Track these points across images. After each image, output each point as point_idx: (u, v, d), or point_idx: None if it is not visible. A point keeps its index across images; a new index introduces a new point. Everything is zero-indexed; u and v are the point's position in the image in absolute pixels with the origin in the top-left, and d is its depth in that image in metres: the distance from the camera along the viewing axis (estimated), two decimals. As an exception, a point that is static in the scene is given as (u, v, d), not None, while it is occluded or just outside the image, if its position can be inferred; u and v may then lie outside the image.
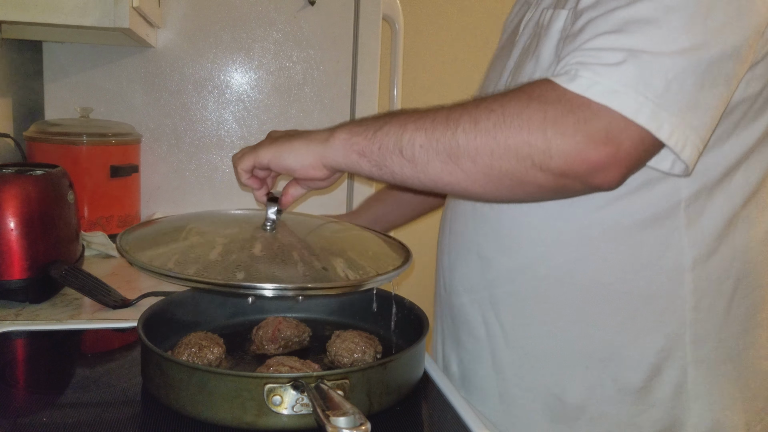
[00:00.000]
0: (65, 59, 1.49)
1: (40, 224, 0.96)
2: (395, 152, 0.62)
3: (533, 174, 0.57)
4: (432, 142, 0.60)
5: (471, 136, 0.58)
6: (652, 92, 0.55)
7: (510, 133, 0.57)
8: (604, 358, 0.69)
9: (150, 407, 0.66)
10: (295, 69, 1.61)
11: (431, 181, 0.62)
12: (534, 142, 0.56)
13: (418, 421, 0.67)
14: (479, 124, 0.58)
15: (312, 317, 0.88)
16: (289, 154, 0.68)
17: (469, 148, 0.58)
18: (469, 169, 0.59)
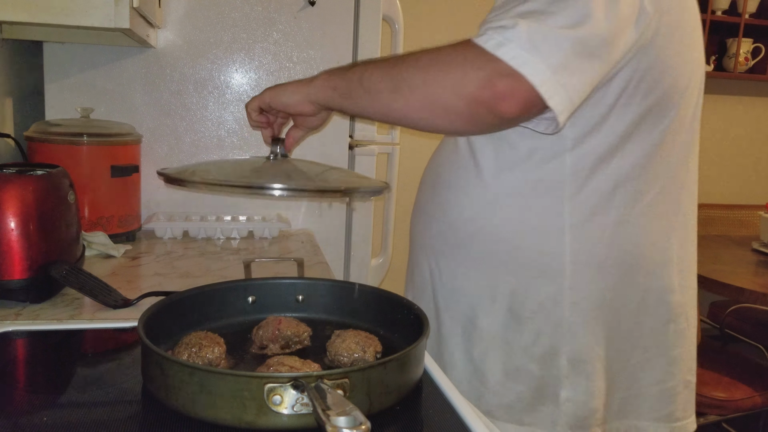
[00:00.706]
0: (65, 59, 1.49)
1: (41, 224, 0.96)
2: (358, 84, 0.81)
3: (454, 101, 0.74)
4: (384, 76, 0.79)
5: (412, 71, 0.77)
6: (533, 50, 0.70)
7: (439, 68, 0.75)
8: (506, 295, 0.89)
9: (150, 407, 0.66)
10: (295, 69, 1.61)
11: (383, 107, 0.80)
12: (454, 75, 0.74)
13: (418, 421, 0.67)
14: (419, 62, 0.77)
15: (312, 317, 0.88)
16: (284, 94, 0.89)
17: (408, 80, 0.77)
18: (408, 96, 0.77)
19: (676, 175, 0.90)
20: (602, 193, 0.85)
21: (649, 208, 0.87)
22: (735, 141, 3.60)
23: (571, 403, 0.89)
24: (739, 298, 2.02)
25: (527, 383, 0.90)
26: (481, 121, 0.76)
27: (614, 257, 0.87)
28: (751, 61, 3.33)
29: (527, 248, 0.87)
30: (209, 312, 0.85)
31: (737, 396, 1.99)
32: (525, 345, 0.89)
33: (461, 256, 0.93)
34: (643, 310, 0.90)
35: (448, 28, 3.01)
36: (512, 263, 0.88)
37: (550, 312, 0.88)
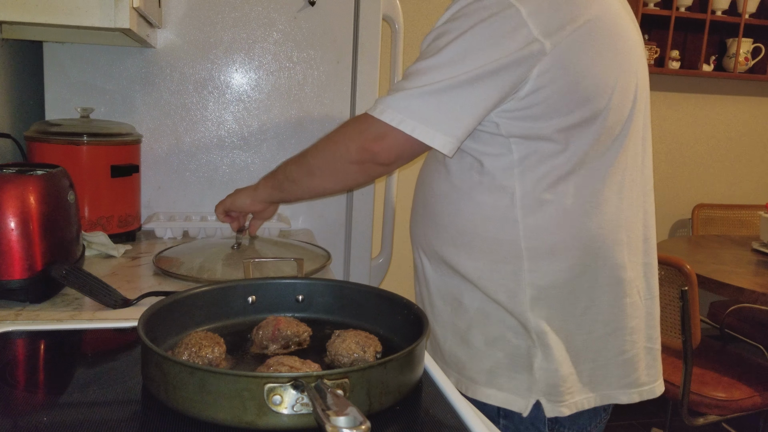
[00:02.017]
0: (65, 59, 1.49)
1: (41, 224, 0.96)
2: (284, 179, 1.11)
3: (349, 168, 1.00)
4: (298, 167, 1.07)
5: (316, 158, 1.04)
6: (408, 110, 0.92)
7: (332, 148, 1.01)
8: (479, 278, 1.01)
9: (150, 407, 0.66)
10: (295, 69, 1.62)
11: (307, 189, 1.09)
12: (342, 148, 0.99)
13: (418, 421, 0.67)
14: (317, 148, 1.04)
15: (312, 317, 0.88)
16: (238, 199, 1.19)
17: (316, 164, 1.04)
18: (319, 175, 1.04)
19: (614, 166, 0.99)
20: (547, 188, 0.97)
21: (592, 197, 0.98)
22: (735, 141, 3.60)
23: (543, 371, 0.99)
24: (739, 298, 2.02)
25: (505, 350, 1.01)
26: (376, 173, 1.01)
27: (564, 243, 0.98)
28: (751, 61, 3.33)
29: (489, 237, 1.00)
30: (209, 312, 0.85)
31: (737, 396, 1.99)
32: (501, 318, 1.01)
33: (437, 245, 1.07)
34: (598, 288, 1.01)
35: (448, 28, 3.00)
36: (478, 251, 1.01)
37: (514, 293, 0.99)
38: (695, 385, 2.00)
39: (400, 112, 0.92)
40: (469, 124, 0.93)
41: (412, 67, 0.96)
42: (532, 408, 1.00)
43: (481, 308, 1.02)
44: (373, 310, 0.86)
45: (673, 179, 3.54)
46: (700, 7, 3.24)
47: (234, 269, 1.13)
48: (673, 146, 3.50)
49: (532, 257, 0.98)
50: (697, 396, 1.99)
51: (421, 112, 0.92)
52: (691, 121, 3.51)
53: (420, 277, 1.13)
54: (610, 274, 1.01)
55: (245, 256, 1.19)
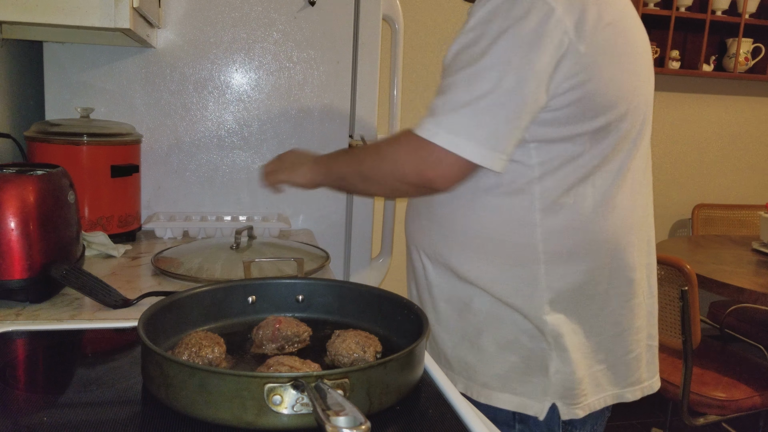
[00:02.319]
0: (65, 59, 1.49)
1: (41, 224, 0.96)
2: (339, 179, 1.10)
3: (404, 187, 0.98)
4: (354, 172, 1.05)
5: (371, 170, 1.02)
6: (463, 132, 0.89)
7: (388, 167, 0.98)
8: (493, 282, 0.99)
9: (150, 407, 0.66)
10: (295, 69, 1.62)
11: (360, 191, 1.23)
12: (392, 168, 0.97)
13: (418, 421, 0.67)
14: (374, 161, 1.01)
15: (312, 317, 0.88)
16: (295, 177, 1.18)
17: (370, 175, 1.02)
18: (373, 186, 1.05)
19: (628, 168, 1.00)
20: (566, 191, 0.96)
21: (609, 199, 0.98)
22: (735, 141, 3.60)
23: (560, 375, 0.99)
24: (739, 298, 2.02)
25: (519, 353, 1.00)
26: (429, 193, 1.01)
27: (582, 246, 0.98)
28: (751, 61, 3.33)
29: (506, 241, 0.98)
30: (209, 312, 0.85)
31: (737, 396, 1.99)
32: (515, 321, 0.99)
33: (444, 249, 1.04)
34: (611, 290, 1.01)
35: (448, 28, 3.01)
36: (493, 254, 0.99)
37: (530, 297, 0.98)
38: (695, 385, 2.00)
39: (456, 135, 0.88)
40: (519, 136, 0.92)
41: (449, 79, 0.91)
42: (548, 411, 0.99)
43: (492, 312, 1.00)
44: (373, 310, 0.86)
45: (673, 179, 3.54)
46: (700, 7, 3.24)
47: (234, 269, 1.13)
48: (673, 146, 3.50)
49: (550, 261, 0.97)
50: (697, 396, 1.99)
51: (476, 133, 0.88)
52: (691, 121, 3.51)
53: (420, 280, 1.11)
54: (622, 276, 1.01)
55: (245, 256, 1.19)
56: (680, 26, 3.25)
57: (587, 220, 0.97)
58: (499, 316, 1.00)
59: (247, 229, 1.31)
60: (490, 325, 1.01)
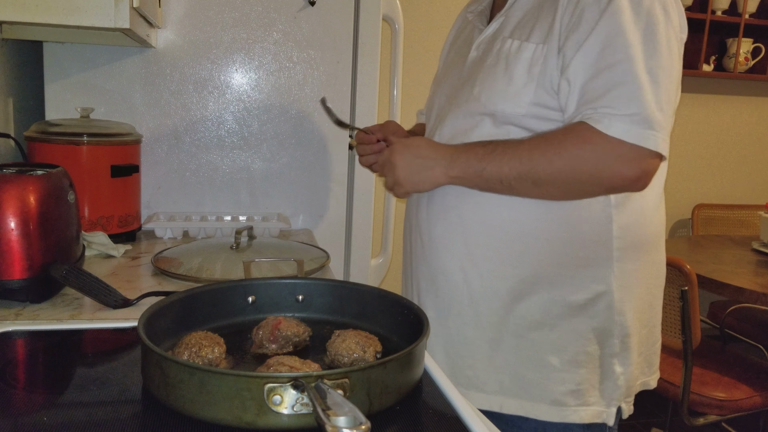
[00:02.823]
0: (65, 59, 1.49)
1: (41, 224, 0.96)
2: (497, 182, 0.93)
3: (594, 189, 0.91)
4: (522, 175, 0.90)
5: (549, 171, 0.89)
6: (658, 128, 0.86)
7: (576, 167, 0.88)
8: (560, 286, 0.95)
9: (150, 407, 0.66)
10: (295, 69, 1.62)
11: (524, 195, 0.93)
12: (591, 172, 0.88)
13: (418, 421, 0.67)
14: (553, 164, 0.88)
15: (312, 317, 0.88)
16: (423, 182, 0.99)
17: (550, 179, 0.89)
18: (549, 190, 0.91)
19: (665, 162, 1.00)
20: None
21: (658, 193, 1.00)
22: (735, 141, 3.60)
23: (624, 376, 0.99)
24: (739, 298, 2.02)
25: (588, 365, 0.97)
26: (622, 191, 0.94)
27: (648, 240, 0.98)
28: (751, 61, 3.33)
29: (572, 238, 0.94)
30: (209, 312, 0.85)
31: (737, 396, 1.99)
32: (581, 329, 0.96)
33: (501, 256, 0.97)
34: (658, 282, 1.04)
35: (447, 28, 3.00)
36: (558, 254, 0.95)
37: (603, 297, 0.96)
38: (695, 385, 2.00)
39: (652, 130, 0.87)
40: None
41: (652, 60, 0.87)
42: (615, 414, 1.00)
43: (557, 324, 0.96)
44: (373, 310, 0.86)
45: (673, 179, 3.54)
46: (700, 7, 3.23)
47: (234, 269, 1.13)
48: (673, 146, 3.49)
49: (622, 258, 0.96)
50: (697, 396, 1.99)
51: (666, 127, 0.89)
52: (691, 121, 3.51)
53: (458, 296, 1.01)
54: (661, 270, 1.05)
55: (245, 256, 1.19)
56: (680, 26, 3.25)
57: (650, 214, 0.98)
58: (563, 327, 0.96)
59: (247, 229, 1.31)
60: (554, 339, 0.96)
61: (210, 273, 1.13)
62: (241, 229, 1.27)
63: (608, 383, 0.98)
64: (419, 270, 1.08)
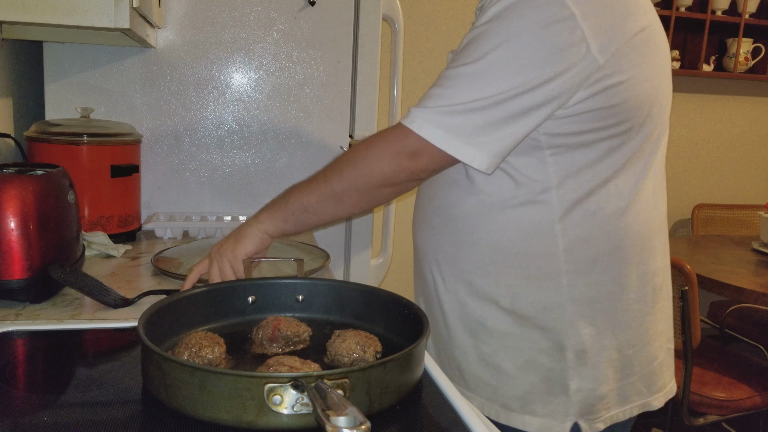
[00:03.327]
0: (65, 59, 1.49)
1: (41, 224, 0.96)
2: (302, 211, 0.95)
3: (381, 190, 0.91)
4: (321, 196, 0.93)
5: (342, 184, 0.91)
6: (450, 128, 0.85)
7: (362, 172, 0.90)
8: (508, 295, 0.95)
9: (150, 407, 0.66)
10: (295, 69, 1.62)
11: (330, 217, 0.96)
12: (376, 165, 0.89)
13: (418, 421, 0.67)
14: (342, 174, 0.92)
15: (312, 317, 0.88)
16: (242, 246, 0.97)
17: (343, 191, 0.92)
18: (350, 201, 0.93)
19: (650, 170, 0.96)
20: (586, 197, 0.91)
21: (631, 203, 0.94)
22: (735, 141, 3.60)
23: (582, 393, 0.95)
24: (739, 298, 2.02)
25: (539, 373, 0.95)
26: (405, 191, 0.94)
27: (603, 254, 0.93)
28: (751, 61, 3.33)
29: (525, 253, 0.93)
30: (209, 312, 0.85)
31: (737, 396, 1.99)
32: (533, 340, 0.95)
33: (459, 263, 0.99)
34: (638, 298, 0.97)
35: (447, 28, 3.01)
36: (512, 267, 0.94)
37: (552, 311, 0.93)
38: (695, 385, 2.00)
39: (442, 129, 0.85)
40: (515, 142, 0.88)
41: (452, 71, 0.87)
42: (570, 430, 0.96)
43: (509, 331, 0.96)
44: (373, 310, 0.86)
45: (673, 179, 3.54)
46: (700, 7, 3.23)
47: None
48: (673, 146, 3.50)
49: (573, 271, 0.93)
50: (697, 396, 1.99)
51: (464, 130, 0.85)
52: (691, 121, 3.51)
53: (430, 296, 1.05)
54: (647, 282, 0.97)
55: None
56: (680, 26, 3.25)
57: (610, 226, 0.93)
58: (516, 335, 0.96)
59: None
60: (507, 345, 0.96)
61: None
62: None
63: (560, 397, 0.95)
64: (416, 271, 1.12)
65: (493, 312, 0.96)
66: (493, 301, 0.96)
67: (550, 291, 0.93)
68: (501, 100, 0.84)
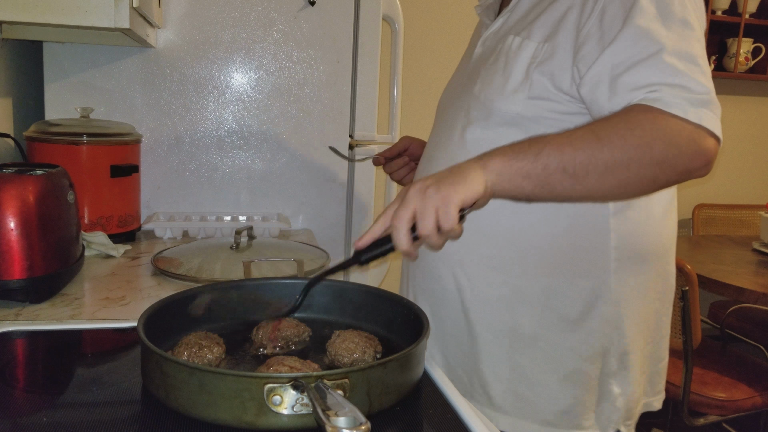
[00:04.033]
0: (65, 59, 1.49)
1: (41, 224, 0.96)
2: (559, 170, 0.74)
3: (666, 175, 0.76)
4: (591, 159, 0.74)
5: (622, 152, 0.74)
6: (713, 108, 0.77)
7: (651, 148, 0.74)
8: (549, 296, 0.88)
9: (150, 407, 0.66)
10: (295, 69, 1.61)
11: (586, 191, 0.76)
12: (667, 153, 0.75)
13: (418, 421, 0.67)
14: (627, 141, 0.74)
15: (312, 317, 0.88)
16: (459, 192, 0.71)
17: (623, 161, 0.74)
18: (622, 176, 0.75)
19: None
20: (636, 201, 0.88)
21: (667, 200, 0.93)
22: (735, 141, 3.60)
23: (623, 397, 0.92)
24: (740, 298, 2.02)
25: (583, 385, 0.90)
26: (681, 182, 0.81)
27: (654, 252, 0.91)
28: (751, 61, 3.33)
29: (572, 249, 0.87)
30: (209, 312, 0.85)
31: (737, 396, 1.99)
32: (576, 346, 0.89)
33: (493, 263, 0.90)
34: (665, 297, 0.95)
35: (448, 28, 3.00)
36: (555, 265, 0.88)
37: (598, 310, 0.89)
38: (695, 385, 2.00)
39: (711, 112, 0.77)
40: None
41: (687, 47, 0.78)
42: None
43: (550, 338, 0.89)
44: (373, 310, 0.86)
45: (674, 179, 3.53)
46: (700, 7, 3.23)
47: (234, 269, 1.13)
48: (674, 146, 3.50)
49: (621, 269, 0.88)
50: (697, 396, 1.99)
51: (718, 108, 0.79)
52: (692, 121, 3.51)
53: (450, 302, 0.95)
54: (669, 282, 0.98)
55: (245, 256, 1.19)
56: (680, 26, 3.25)
57: (656, 223, 0.91)
58: (557, 342, 0.89)
59: (247, 229, 1.31)
60: (548, 354, 0.89)
61: (210, 273, 1.12)
62: (240, 229, 1.27)
63: (605, 405, 0.91)
64: (414, 274, 1.03)
65: (531, 317, 0.89)
66: (532, 304, 0.89)
67: (597, 290, 0.88)
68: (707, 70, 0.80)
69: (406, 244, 0.71)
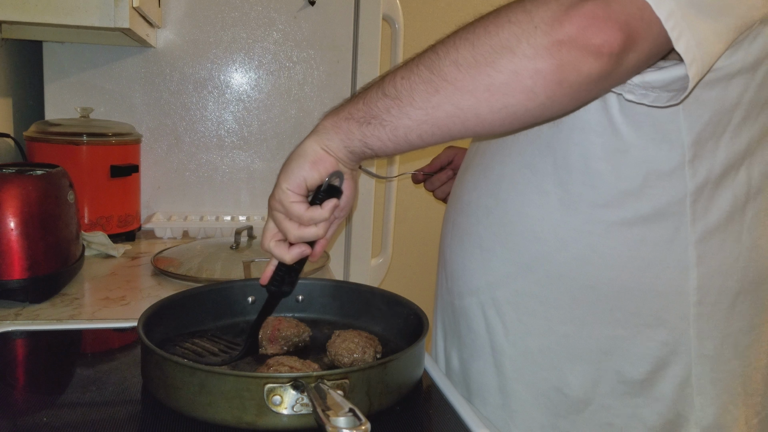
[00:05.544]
0: (65, 59, 1.49)
1: (40, 224, 0.96)
2: (379, 97, 0.59)
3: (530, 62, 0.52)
4: (413, 70, 0.57)
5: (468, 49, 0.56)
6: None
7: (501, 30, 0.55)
8: (607, 352, 0.69)
9: (150, 407, 0.66)
10: (295, 69, 1.61)
11: (423, 113, 0.57)
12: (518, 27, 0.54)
13: (418, 421, 0.67)
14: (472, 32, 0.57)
15: (312, 317, 0.88)
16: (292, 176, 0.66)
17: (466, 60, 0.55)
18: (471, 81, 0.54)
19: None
20: (732, 212, 0.66)
21: (765, 227, 0.69)
22: None
23: None
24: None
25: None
26: (573, 77, 0.52)
27: (747, 291, 0.68)
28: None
29: (639, 291, 0.67)
30: (209, 312, 0.85)
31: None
32: (640, 415, 0.70)
33: (541, 307, 0.71)
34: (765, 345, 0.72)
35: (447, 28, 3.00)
36: (617, 311, 0.68)
37: (672, 369, 0.68)
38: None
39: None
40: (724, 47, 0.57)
41: None
42: None
43: (605, 403, 0.70)
44: (373, 310, 0.86)
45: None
46: (700, 7, 3.23)
47: (234, 269, 1.13)
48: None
49: (706, 315, 0.67)
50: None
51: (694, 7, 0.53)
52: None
53: (479, 346, 0.77)
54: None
55: (245, 256, 1.19)
56: (680, 26, 3.25)
57: (744, 258, 0.67)
58: (616, 408, 0.70)
59: (247, 229, 1.31)
60: (603, 423, 0.70)
61: (210, 273, 1.12)
62: (240, 229, 1.27)
63: None
64: (444, 310, 0.86)
65: (582, 376, 0.70)
66: (584, 360, 0.70)
67: (671, 345, 0.68)
68: None
69: (286, 255, 0.65)
